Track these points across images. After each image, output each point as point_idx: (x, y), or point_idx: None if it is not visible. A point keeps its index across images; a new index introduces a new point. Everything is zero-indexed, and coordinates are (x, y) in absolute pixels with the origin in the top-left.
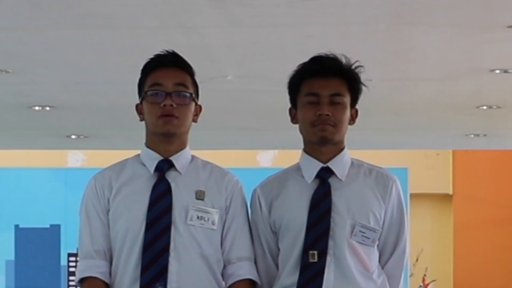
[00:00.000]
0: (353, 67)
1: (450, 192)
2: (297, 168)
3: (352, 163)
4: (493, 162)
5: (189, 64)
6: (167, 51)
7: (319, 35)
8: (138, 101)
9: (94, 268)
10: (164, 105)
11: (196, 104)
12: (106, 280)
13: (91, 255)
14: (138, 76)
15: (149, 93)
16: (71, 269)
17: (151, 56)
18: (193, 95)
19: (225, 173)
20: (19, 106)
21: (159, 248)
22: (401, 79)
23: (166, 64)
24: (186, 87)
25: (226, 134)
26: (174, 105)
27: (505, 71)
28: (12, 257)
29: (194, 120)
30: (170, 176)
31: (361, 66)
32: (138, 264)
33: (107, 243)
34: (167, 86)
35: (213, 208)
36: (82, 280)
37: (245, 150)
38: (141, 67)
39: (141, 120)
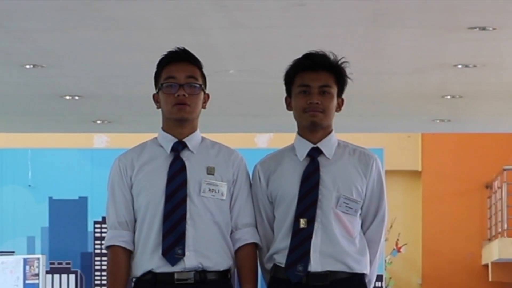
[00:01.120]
0: (339, 62)
1: (419, 169)
2: (291, 148)
3: (339, 144)
4: (456, 143)
5: (198, 59)
6: (178, 48)
7: (308, 35)
8: (153, 92)
9: (117, 237)
10: (178, 95)
11: (204, 93)
12: (128, 247)
13: (115, 226)
14: (154, 70)
15: (164, 84)
16: (97, 235)
17: (165, 53)
18: (202, 86)
19: (232, 151)
20: (52, 96)
21: (177, 217)
22: (378, 73)
23: (178, 59)
24: (196, 79)
25: (229, 119)
26: (186, 95)
27: (466, 66)
28: (46, 224)
29: (203, 107)
30: (184, 155)
31: (346, 61)
32: (159, 232)
33: (130, 215)
34: (179, 78)
35: (222, 181)
36: (108, 248)
37: (245, 133)
38: (156, 63)
39: (158, 107)
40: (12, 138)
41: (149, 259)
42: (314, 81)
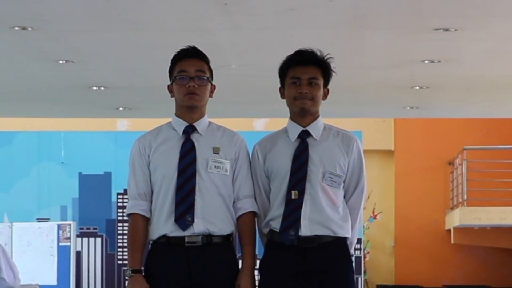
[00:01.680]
0: (325, 58)
1: (392, 149)
2: (284, 131)
3: (325, 127)
4: (423, 127)
5: (205, 55)
6: (189, 46)
7: (298, 35)
8: (167, 83)
9: (137, 206)
10: (189, 86)
11: (211, 84)
12: (146, 215)
13: (135, 197)
14: (168, 65)
15: (177, 77)
16: (119, 204)
17: (177, 50)
18: (209, 78)
19: (234, 133)
20: (81, 87)
21: (187, 190)
22: (357, 67)
23: (189, 56)
24: (204, 72)
25: (231, 106)
26: (196, 86)
27: (432, 61)
28: (76, 195)
29: (210, 96)
30: (194, 137)
31: (331, 57)
32: (172, 202)
33: (148, 188)
34: (190, 72)
35: (226, 159)
36: (129, 215)
37: (245, 118)
38: (169, 59)
39: (172, 96)
40: (48, 122)
41: (163, 225)
42: (304, 74)
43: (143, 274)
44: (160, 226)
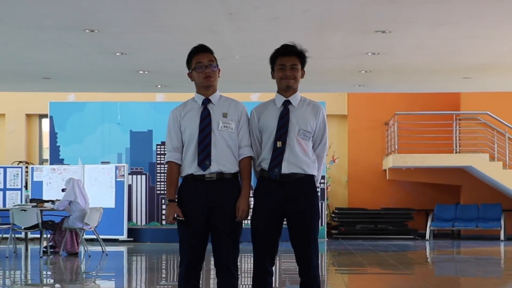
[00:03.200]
0: (302, 50)
1: (346, 114)
2: (273, 100)
3: (301, 98)
4: (367, 98)
5: (211, 49)
6: (200, 44)
7: (282, 36)
8: (187, 71)
9: (172, 156)
10: (205, 72)
11: (219, 69)
12: (178, 162)
13: (171, 150)
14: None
15: (197, 67)
16: (157, 152)
17: (193, 47)
18: (217, 65)
19: (237, 102)
20: (131, 71)
21: (206, 143)
22: (322, 57)
23: (201, 51)
24: (213, 61)
25: (235, 85)
26: (210, 71)
27: (373, 54)
28: (128, 146)
29: (218, 76)
30: (209, 106)
31: (306, 50)
32: (195, 152)
33: (180, 143)
34: (204, 62)
35: (232, 121)
36: (167, 162)
37: (244, 92)
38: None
39: (192, 80)
40: (108, 96)
41: (190, 167)
42: (288, 62)
43: (176, 201)
44: (187, 168)
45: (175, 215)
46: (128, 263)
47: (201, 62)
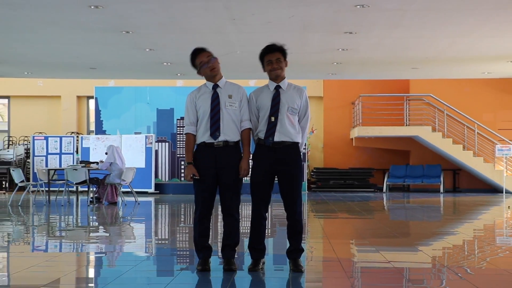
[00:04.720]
0: (284, 47)
1: (322, 95)
2: (267, 85)
3: (288, 84)
4: (339, 84)
5: (205, 47)
6: (195, 48)
7: (273, 36)
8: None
9: (190, 129)
10: (209, 66)
11: (217, 58)
12: (194, 133)
13: (188, 124)
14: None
15: (201, 66)
16: (177, 125)
17: (191, 52)
18: (214, 56)
19: (239, 86)
20: (157, 63)
21: (215, 118)
22: (303, 53)
23: (199, 52)
24: (211, 55)
25: (237, 73)
26: (212, 64)
27: (343, 50)
28: (155, 120)
29: (219, 63)
30: (218, 90)
31: (287, 48)
32: (207, 125)
33: (195, 119)
34: (205, 60)
35: (235, 101)
36: (185, 134)
37: (244, 79)
38: (190, 57)
39: (202, 76)
40: (140, 82)
41: (202, 136)
42: (273, 57)
43: (193, 163)
44: (201, 137)
45: (192, 175)
46: (155, 210)
47: (202, 60)
